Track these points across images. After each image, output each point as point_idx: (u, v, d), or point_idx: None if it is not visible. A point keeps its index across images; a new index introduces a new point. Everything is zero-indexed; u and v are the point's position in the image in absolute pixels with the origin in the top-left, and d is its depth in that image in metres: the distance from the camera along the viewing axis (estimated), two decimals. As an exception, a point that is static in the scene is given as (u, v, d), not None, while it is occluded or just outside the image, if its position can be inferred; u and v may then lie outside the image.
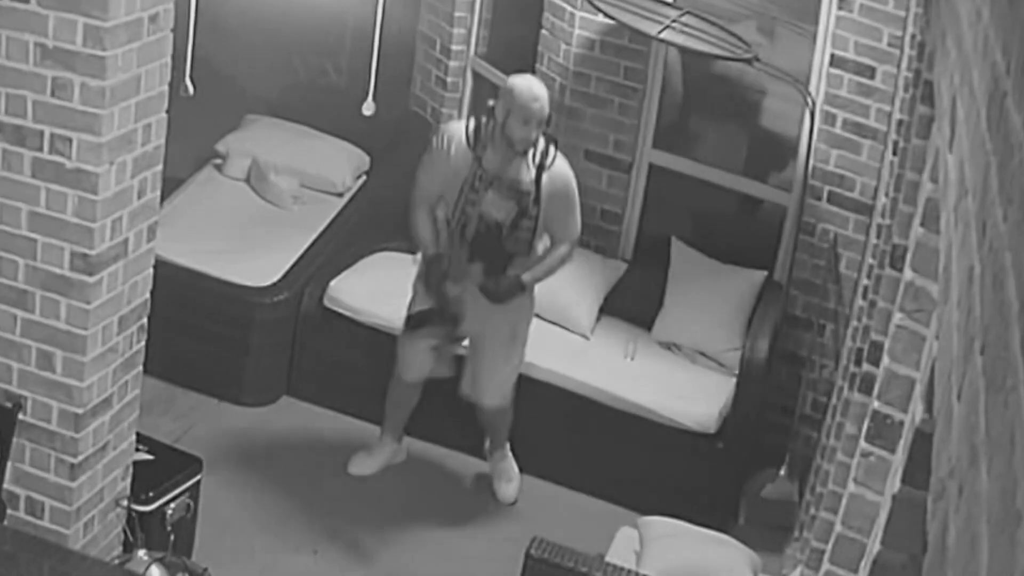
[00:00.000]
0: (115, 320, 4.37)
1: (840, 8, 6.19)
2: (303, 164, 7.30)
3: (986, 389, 1.34)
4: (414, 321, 5.75)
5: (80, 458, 4.39)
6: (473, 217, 5.50)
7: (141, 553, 4.62)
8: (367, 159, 7.49)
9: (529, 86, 5.41)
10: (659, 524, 5.17)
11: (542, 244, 5.66)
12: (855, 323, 5.42)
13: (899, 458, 2.55)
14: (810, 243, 6.51)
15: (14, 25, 4.01)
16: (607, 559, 4.85)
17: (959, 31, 2.45)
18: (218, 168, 7.34)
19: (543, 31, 6.89)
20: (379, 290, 6.50)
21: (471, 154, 5.45)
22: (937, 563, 1.45)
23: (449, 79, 7.59)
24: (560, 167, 5.56)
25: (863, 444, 3.01)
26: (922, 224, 2.86)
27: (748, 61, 6.16)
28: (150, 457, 4.91)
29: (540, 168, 5.49)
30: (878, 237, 5.25)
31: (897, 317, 2.90)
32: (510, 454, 6.11)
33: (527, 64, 7.01)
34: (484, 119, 5.48)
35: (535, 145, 5.44)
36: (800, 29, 6.58)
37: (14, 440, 4.38)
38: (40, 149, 4.09)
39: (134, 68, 4.12)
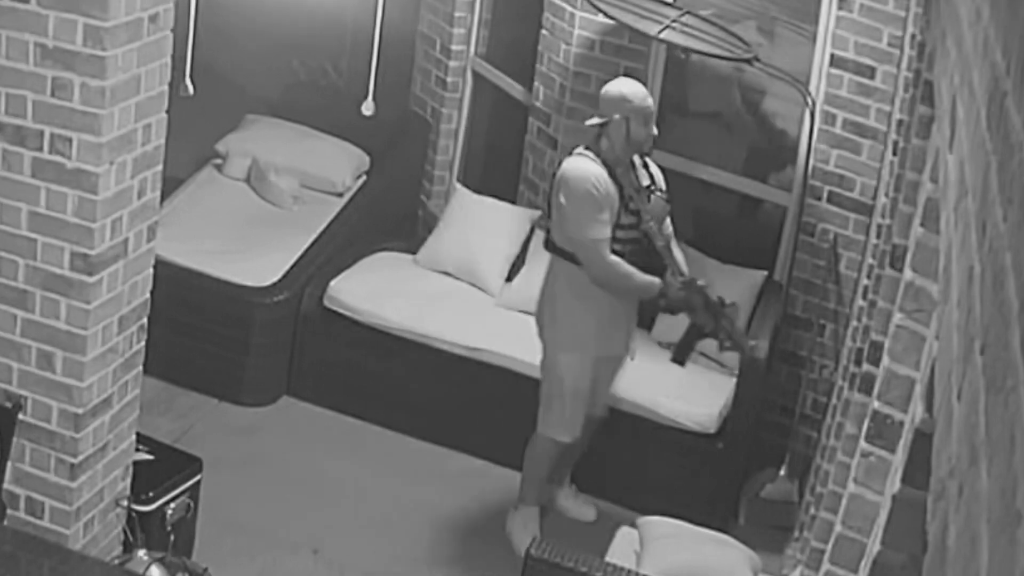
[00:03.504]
0: (115, 320, 4.37)
1: (840, 8, 6.19)
2: (303, 164, 7.30)
3: (986, 389, 1.34)
4: (686, 346, 5.60)
5: (80, 458, 4.38)
6: (653, 233, 5.41)
7: (141, 553, 4.62)
8: (367, 159, 7.49)
9: (637, 87, 5.41)
10: (659, 524, 5.17)
11: None
12: (855, 323, 5.42)
13: (899, 458, 2.55)
14: (810, 243, 6.51)
15: (14, 25, 4.00)
16: (607, 559, 4.85)
17: (959, 31, 2.45)
18: (218, 168, 7.34)
19: (543, 31, 6.88)
20: (379, 290, 6.51)
21: (610, 180, 5.35)
22: (937, 563, 1.45)
23: (449, 79, 7.59)
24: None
25: (863, 444, 3.01)
26: (922, 224, 2.86)
27: (748, 61, 6.16)
28: (150, 457, 4.91)
29: (645, 163, 5.54)
30: (878, 237, 5.26)
31: (897, 317, 2.91)
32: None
33: (527, 64, 7.01)
34: (598, 141, 5.39)
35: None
36: (800, 29, 6.58)
37: (14, 440, 4.38)
38: (40, 149, 4.09)
39: (134, 68, 4.12)
